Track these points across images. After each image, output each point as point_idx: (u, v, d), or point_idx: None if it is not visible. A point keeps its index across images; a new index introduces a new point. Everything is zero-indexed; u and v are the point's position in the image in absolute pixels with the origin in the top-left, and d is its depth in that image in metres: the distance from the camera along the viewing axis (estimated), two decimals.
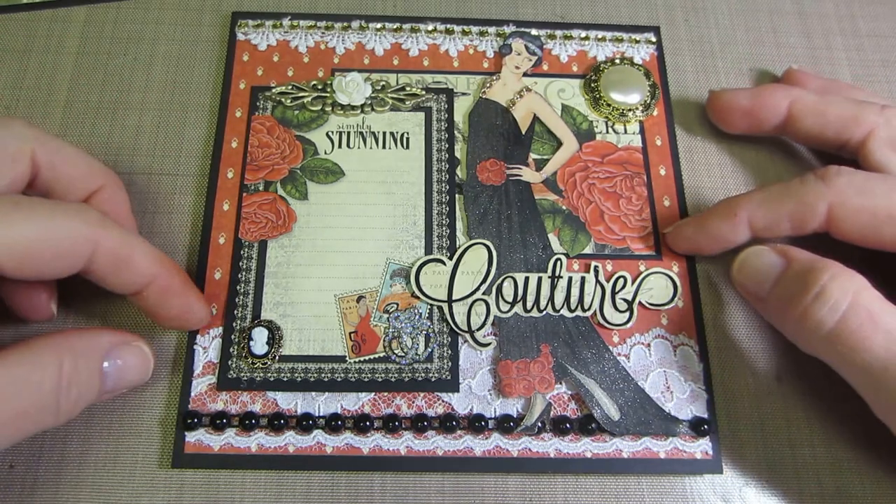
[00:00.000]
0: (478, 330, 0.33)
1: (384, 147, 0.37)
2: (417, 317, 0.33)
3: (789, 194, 0.30)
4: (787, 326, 0.29)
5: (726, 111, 0.36)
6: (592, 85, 0.38)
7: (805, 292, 0.27)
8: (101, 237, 0.27)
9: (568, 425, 0.31)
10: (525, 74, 0.39)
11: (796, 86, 0.36)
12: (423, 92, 0.38)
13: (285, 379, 0.32)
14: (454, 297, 0.33)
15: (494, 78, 0.38)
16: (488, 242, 0.34)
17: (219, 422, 0.30)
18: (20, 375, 0.24)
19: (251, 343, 0.32)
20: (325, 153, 0.36)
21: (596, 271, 0.34)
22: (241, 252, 0.34)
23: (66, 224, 0.26)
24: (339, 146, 0.37)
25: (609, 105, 0.38)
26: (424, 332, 0.33)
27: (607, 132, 0.38)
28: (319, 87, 0.38)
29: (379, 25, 0.40)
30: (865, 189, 0.29)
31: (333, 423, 0.31)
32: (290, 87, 0.37)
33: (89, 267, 0.27)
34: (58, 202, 0.27)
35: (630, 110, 0.38)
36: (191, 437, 0.30)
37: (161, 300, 0.29)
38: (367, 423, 0.31)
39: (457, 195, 0.36)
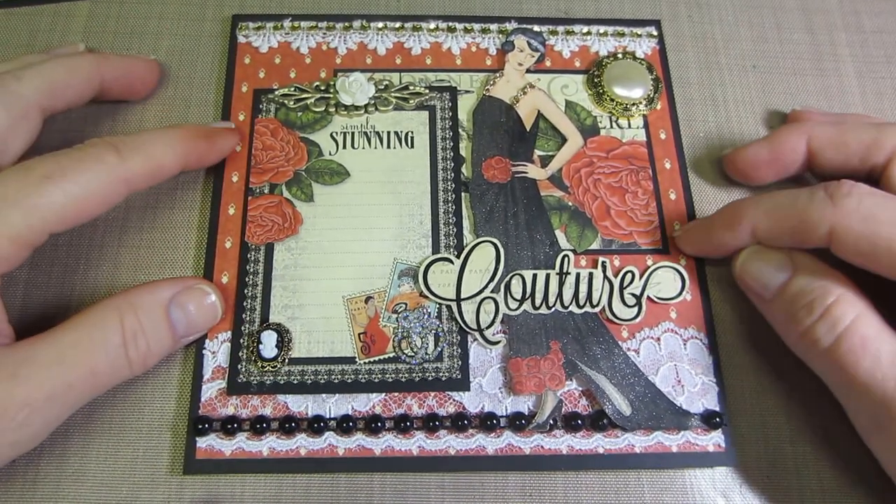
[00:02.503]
0: (487, 328, 0.33)
1: (389, 147, 0.37)
2: (426, 316, 0.33)
3: (795, 209, 0.29)
4: (789, 337, 0.30)
5: (749, 168, 0.35)
6: (595, 80, 0.38)
7: (809, 314, 0.28)
8: (129, 168, 0.29)
9: (579, 421, 0.31)
10: (528, 71, 0.39)
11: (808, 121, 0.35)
12: (427, 90, 0.38)
13: (295, 382, 0.32)
14: (463, 296, 0.33)
15: (498, 75, 0.38)
16: (495, 240, 0.34)
17: (230, 426, 0.30)
18: (84, 337, 0.27)
19: (260, 346, 0.32)
20: (330, 154, 0.36)
21: (604, 267, 0.34)
22: (248, 256, 0.34)
23: (95, 175, 0.28)
24: (344, 147, 0.36)
25: (612, 100, 0.38)
26: (434, 331, 0.33)
27: (611, 127, 0.38)
28: (322, 88, 0.37)
29: (381, 25, 0.39)
30: (871, 216, 0.28)
31: (345, 425, 0.31)
32: (292, 89, 0.37)
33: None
34: (74, 151, 0.28)
35: (634, 105, 0.37)
36: (202, 442, 0.30)
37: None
38: (379, 424, 0.31)
39: (463, 193, 0.35)
